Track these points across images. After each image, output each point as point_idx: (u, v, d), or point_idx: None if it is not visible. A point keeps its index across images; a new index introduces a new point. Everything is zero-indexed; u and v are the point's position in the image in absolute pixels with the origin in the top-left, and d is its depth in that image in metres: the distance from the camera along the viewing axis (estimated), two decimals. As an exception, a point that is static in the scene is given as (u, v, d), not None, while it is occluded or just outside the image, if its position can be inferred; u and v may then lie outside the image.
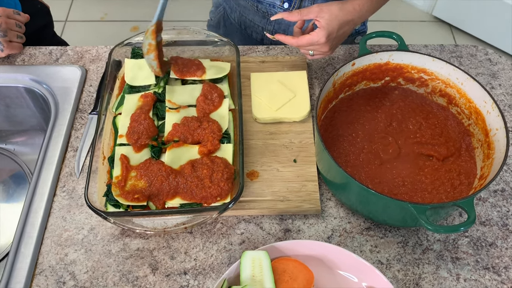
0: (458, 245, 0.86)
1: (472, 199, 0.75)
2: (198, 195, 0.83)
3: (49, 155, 0.97)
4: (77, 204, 0.91)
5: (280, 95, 1.01)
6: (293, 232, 0.88)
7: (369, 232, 0.88)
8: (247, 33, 1.31)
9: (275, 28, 1.23)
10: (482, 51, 1.15)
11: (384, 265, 0.84)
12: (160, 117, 0.95)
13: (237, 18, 1.30)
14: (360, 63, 0.94)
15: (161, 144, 0.91)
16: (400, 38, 0.96)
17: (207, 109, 0.94)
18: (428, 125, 0.95)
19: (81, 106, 1.05)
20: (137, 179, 0.85)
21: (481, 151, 0.90)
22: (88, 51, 1.15)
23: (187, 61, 1.00)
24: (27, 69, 1.10)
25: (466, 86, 0.92)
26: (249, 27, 1.28)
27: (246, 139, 0.97)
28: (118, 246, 0.86)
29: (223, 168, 0.85)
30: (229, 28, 1.35)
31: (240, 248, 0.86)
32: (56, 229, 0.88)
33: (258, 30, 1.27)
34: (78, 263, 0.84)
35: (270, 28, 1.24)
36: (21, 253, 0.85)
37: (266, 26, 1.24)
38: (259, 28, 1.26)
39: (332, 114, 0.97)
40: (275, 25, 1.23)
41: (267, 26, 1.24)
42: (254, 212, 0.89)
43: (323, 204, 0.91)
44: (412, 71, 0.97)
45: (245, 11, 1.25)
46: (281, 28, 1.22)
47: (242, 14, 1.27)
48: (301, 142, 0.97)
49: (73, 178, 0.94)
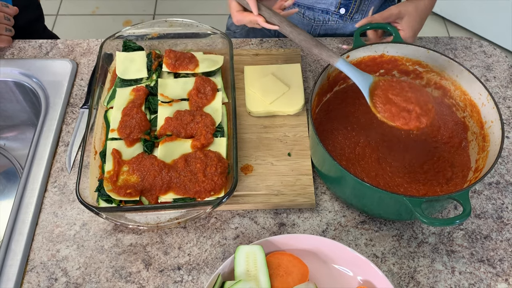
0: (453, 238, 0.86)
1: (467, 192, 0.74)
2: (191, 190, 0.82)
3: (39, 150, 0.95)
4: (68, 199, 0.90)
5: (274, 88, 1.00)
6: (287, 226, 0.87)
7: (364, 225, 0.87)
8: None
9: (320, 34, 1.22)
10: (477, 43, 1.15)
11: (379, 258, 0.84)
12: (153, 111, 0.94)
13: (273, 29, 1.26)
14: (355, 56, 0.93)
15: (154, 138, 0.90)
16: (394, 30, 0.96)
17: (200, 103, 0.93)
18: (423, 117, 0.94)
19: (72, 100, 1.04)
20: (129, 174, 0.84)
21: (476, 144, 0.89)
22: (79, 44, 1.13)
23: (179, 54, 0.98)
24: (17, 63, 1.08)
25: (461, 79, 0.91)
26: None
27: (240, 132, 0.96)
28: (110, 242, 0.85)
29: (217, 162, 0.84)
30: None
31: (234, 242, 0.85)
32: (48, 225, 0.87)
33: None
34: (70, 259, 0.83)
35: (315, 34, 1.22)
36: (12, 250, 0.83)
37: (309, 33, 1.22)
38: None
39: (326, 107, 0.96)
40: (321, 31, 1.21)
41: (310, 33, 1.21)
42: (249, 207, 0.88)
43: (318, 198, 0.90)
44: (407, 64, 0.96)
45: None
46: (327, 33, 1.22)
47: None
48: (296, 136, 0.96)
49: (64, 173, 0.93)
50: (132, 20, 2.52)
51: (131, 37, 1.02)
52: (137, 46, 1.02)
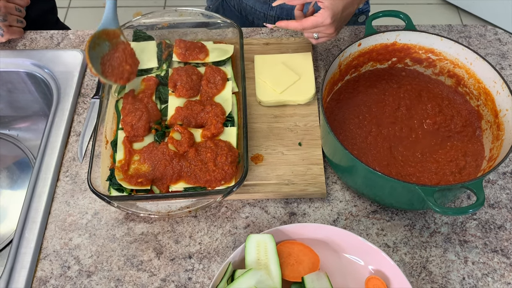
0: (466, 228, 0.85)
1: (481, 181, 0.73)
2: (202, 179, 0.82)
3: (51, 140, 0.96)
4: (80, 189, 0.90)
5: (285, 77, 0.99)
6: (298, 215, 0.87)
7: (375, 215, 0.87)
8: (248, 20, 1.28)
9: (277, 13, 1.20)
10: (492, 30, 1.12)
11: (391, 248, 0.83)
12: (163, 101, 0.94)
13: (236, 4, 1.26)
14: (367, 44, 0.92)
15: (165, 128, 0.90)
16: (407, 18, 0.94)
17: (210, 93, 0.93)
18: (437, 107, 0.93)
19: (83, 91, 1.04)
20: (140, 163, 0.84)
21: (490, 133, 0.88)
22: (90, 35, 1.13)
23: (189, 44, 0.98)
24: (28, 54, 1.08)
25: (475, 66, 0.89)
26: (250, 13, 1.25)
27: (250, 122, 0.96)
28: (122, 231, 0.85)
29: (227, 151, 0.84)
30: (229, 15, 1.31)
31: (245, 232, 0.85)
32: (60, 214, 0.88)
33: (260, 16, 1.24)
34: (83, 247, 0.84)
35: (272, 13, 1.21)
36: (25, 238, 0.84)
37: (267, 12, 1.21)
38: (261, 14, 1.23)
39: (337, 97, 0.95)
40: (277, 10, 1.20)
41: (268, 12, 1.21)
42: (259, 196, 0.88)
43: (329, 188, 0.90)
44: (420, 51, 0.95)
45: None
46: (283, 13, 1.19)
47: (241, 0, 1.24)
48: (306, 125, 0.96)
49: (76, 162, 0.94)
50: (142, 12, 2.52)
51: (141, 27, 1.02)
52: (148, 36, 1.01)
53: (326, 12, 0.86)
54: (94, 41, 0.86)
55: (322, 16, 0.86)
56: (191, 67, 0.96)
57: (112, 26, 0.90)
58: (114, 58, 0.87)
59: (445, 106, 0.94)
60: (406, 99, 0.95)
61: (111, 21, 0.90)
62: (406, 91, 0.96)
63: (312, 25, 0.88)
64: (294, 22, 0.90)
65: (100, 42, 0.87)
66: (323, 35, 0.92)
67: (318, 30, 0.90)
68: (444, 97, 0.95)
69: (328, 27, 0.88)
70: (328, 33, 0.91)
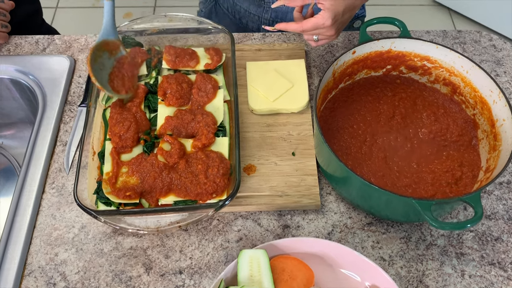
0: (462, 240, 0.83)
1: (479, 194, 0.72)
2: (192, 192, 0.79)
3: (37, 150, 0.93)
4: (67, 201, 0.87)
5: (278, 85, 0.97)
6: (292, 228, 0.85)
7: (370, 227, 0.85)
8: (242, 23, 1.25)
9: (272, 16, 1.18)
10: (486, 36, 1.11)
11: (386, 261, 0.81)
12: (152, 110, 0.91)
13: (230, 7, 1.24)
14: (361, 51, 0.90)
15: (154, 138, 0.87)
16: (402, 25, 0.92)
17: (201, 101, 0.90)
18: (432, 116, 0.91)
19: (70, 98, 1.01)
20: (128, 176, 0.81)
21: (486, 142, 0.86)
22: (77, 40, 1.10)
23: (180, 51, 0.95)
24: (13, 60, 1.05)
25: (472, 75, 0.88)
26: (244, 16, 1.22)
27: (242, 131, 0.93)
28: (110, 245, 0.83)
29: (219, 163, 0.81)
30: (222, 19, 1.28)
31: (237, 245, 0.83)
32: (46, 228, 0.85)
33: (254, 20, 1.21)
34: (69, 263, 0.81)
35: (267, 16, 1.18)
36: (9, 253, 0.81)
37: (262, 15, 1.19)
38: (255, 18, 1.20)
39: (332, 105, 0.93)
40: (272, 13, 1.17)
41: (263, 15, 1.19)
42: (252, 208, 0.85)
43: (323, 199, 0.88)
44: (415, 59, 0.93)
45: (239, 1, 1.20)
46: (278, 16, 1.17)
47: (235, 3, 1.21)
48: (300, 134, 0.93)
49: (62, 174, 0.91)
50: (132, 12, 2.48)
51: (130, 33, 0.99)
52: (136, 42, 0.98)
53: (326, 14, 0.84)
54: (95, 53, 0.85)
55: (322, 18, 0.84)
56: (181, 75, 0.93)
57: (111, 36, 0.90)
58: (122, 74, 0.89)
59: (440, 115, 0.92)
60: (401, 108, 0.93)
61: (111, 30, 0.90)
62: (401, 99, 0.94)
63: (312, 26, 0.86)
64: (294, 24, 0.87)
65: (100, 53, 0.87)
66: (323, 37, 0.90)
67: (318, 32, 0.88)
68: (439, 105, 0.94)
69: (328, 29, 0.86)
70: (329, 35, 0.88)
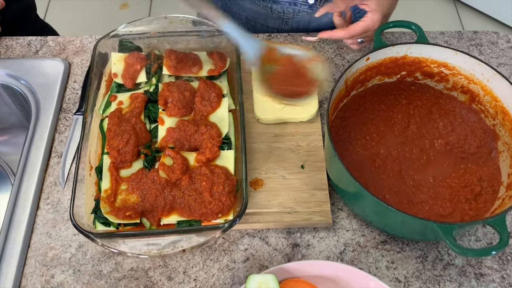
0: (482, 260, 0.79)
1: (504, 217, 0.67)
2: (197, 212, 0.74)
3: (30, 161, 0.88)
4: (63, 218, 0.82)
5: (285, 92, 0.91)
6: (302, 247, 0.80)
7: (385, 246, 0.80)
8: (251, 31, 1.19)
9: (292, 27, 1.12)
10: (504, 38, 1.05)
11: (402, 283, 0.77)
12: (153, 120, 0.86)
13: (243, 23, 1.17)
14: (375, 58, 0.84)
15: (155, 152, 0.82)
16: (419, 29, 0.86)
17: (204, 111, 0.85)
18: (449, 125, 0.86)
19: (65, 105, 0.95)
20: (128, 193, 0.76)
21: (508, 156, 0.82)
22: (71, 42, 1.04)
23: (181, 55, 0.89)
24: (3, 63, 0.99)
25: (493, 83, 0.82)
26: (261, 31, 1.16)
27: (248, 142, 0.88)
28: (109, 266, 0.78)
29: (224, 180, 0.76)
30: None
31: (244, 266, 0.78)
32: (41, 247, 0.80)
33: (269, 31, 1.15)
34: (66, 285, 0.76)
35: (287, 28, 1.12)
36: (2, 275, 0.77)
37: (282, 27, 1.13)
38: (274, 31, 1.14)
39: (343, 114, 0.88)
40: (293, 25, 1.11)
41: (283, 27, 1.12)
42: (259, 226, 0.81)
43: (334, 215, 0.83)
44: (432, 65, 0.87)
45: (254, 15, 1.12)
46: (299, 26, 1.11)
47: (250, 19, 1.14)
48: (309, 145, 0.88)
49: (58, 188, 0.86)
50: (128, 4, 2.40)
51: (128, 36, 0.93)
52: (135, 46, 0.93)
53: (375, 15, 0.81)
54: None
55: (371, 20, 0.81)
56: (183, 82, 0.87)
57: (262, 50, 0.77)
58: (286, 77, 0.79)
59: (458, 125, 0.87)
60: (416, 116, 0.88)
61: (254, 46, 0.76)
62: (416, 107, 0.89)
63: (362, 30, 0.82)
64: (340, 31, 0.84)
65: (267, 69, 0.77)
66: (367, 39, 0.85)
67: (366, 34, 0.83)
68: (456, 114, 0.89)
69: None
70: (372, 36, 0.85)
